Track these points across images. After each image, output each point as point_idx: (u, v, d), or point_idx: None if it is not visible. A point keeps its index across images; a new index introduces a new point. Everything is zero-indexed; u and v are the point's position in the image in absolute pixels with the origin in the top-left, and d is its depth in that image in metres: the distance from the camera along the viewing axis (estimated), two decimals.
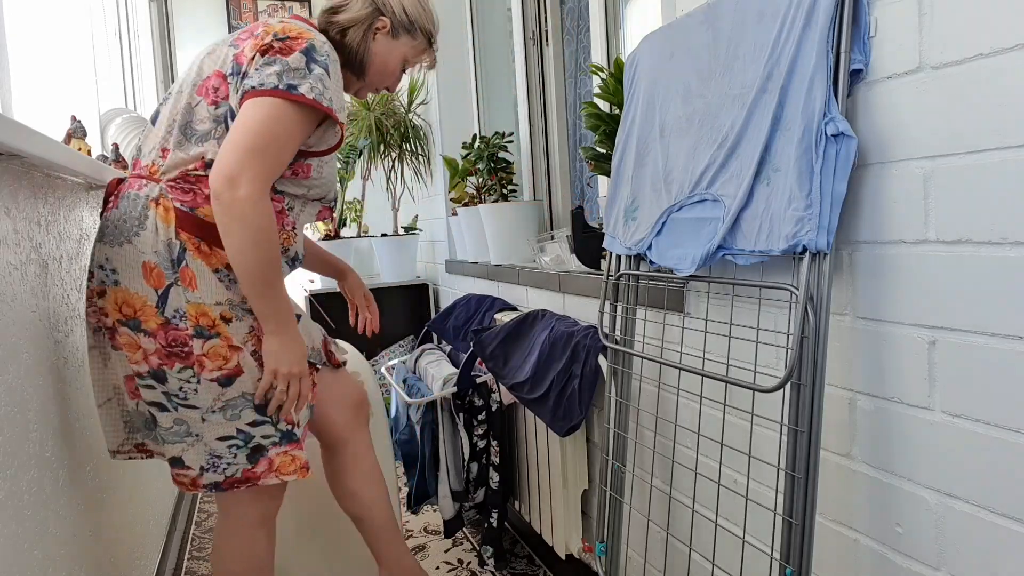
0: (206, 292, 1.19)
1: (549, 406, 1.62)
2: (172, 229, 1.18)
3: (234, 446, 1.23)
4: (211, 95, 1.22)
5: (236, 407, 1.21)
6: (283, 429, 1.26)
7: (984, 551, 0.84)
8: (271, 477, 1.26)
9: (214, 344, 1.19)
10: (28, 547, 0.97)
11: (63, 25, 2.27)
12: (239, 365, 1.20)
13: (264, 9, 4.05)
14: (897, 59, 0.90)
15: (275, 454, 1.25)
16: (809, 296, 0.95)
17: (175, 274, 1.17)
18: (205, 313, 1.18)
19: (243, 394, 1.21)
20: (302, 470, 1.27)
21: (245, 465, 1.24)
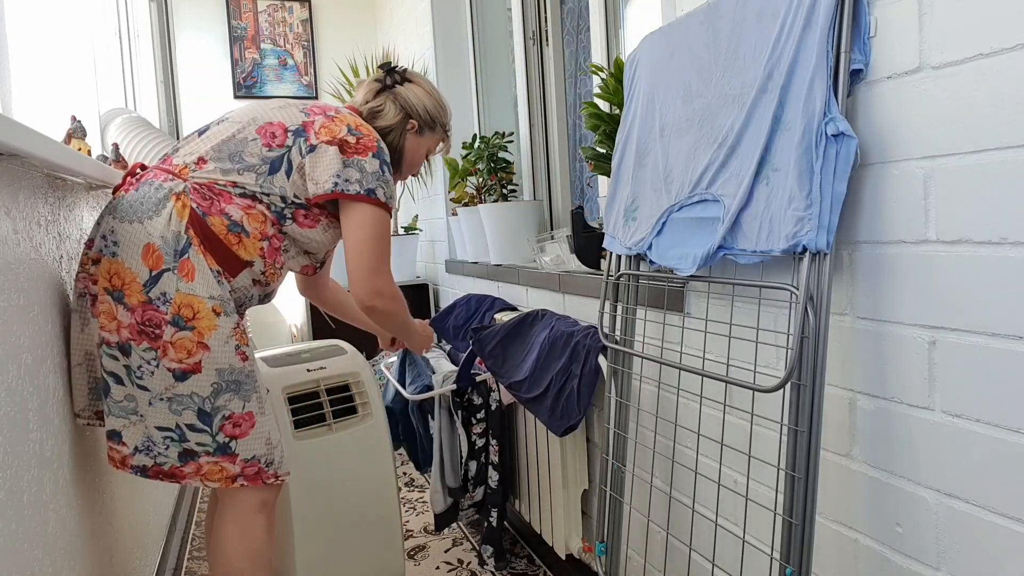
0: (202, 285, 1.26)
1: (547, 405, 1.61)
2: (184, 224, 1.27)
3: (169, 439, 1.26)
4: (268, 139, 1.36)
5: (182, 404, 1.25)
6: (220, 441, 1.28)
7: (984, 551, 0.84)
8: (195, 480, 1.29)
9: (184, 336, 1.24)
10: (28, 547, 0.97)
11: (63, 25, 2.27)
12: (199, 363, 1.24)
13: (264, 9, 4.05)
14: (897, 59, 0.90)
15: (205, 462, 1.28)
16: (809, 296, 0.95)
17: (175, 262, 1.25)
18: (190, 305, 1.24)
19: (192, 393, 1.25)
20: (227, 480, 1.30)
21: (175, 461, 1.27)
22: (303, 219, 1.39)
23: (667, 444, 1.45)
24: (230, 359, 1.27)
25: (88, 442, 1.37)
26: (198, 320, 1.24)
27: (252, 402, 1.30)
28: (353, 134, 1.38)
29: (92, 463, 1.38)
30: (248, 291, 1.38)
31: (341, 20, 4.23)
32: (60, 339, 1.25)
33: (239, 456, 1.30)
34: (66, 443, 1.21)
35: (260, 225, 1.34)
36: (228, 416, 1.28)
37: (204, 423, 1.27)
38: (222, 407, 1.27)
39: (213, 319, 1.25)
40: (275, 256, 1.39)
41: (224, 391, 1.27)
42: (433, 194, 3.28)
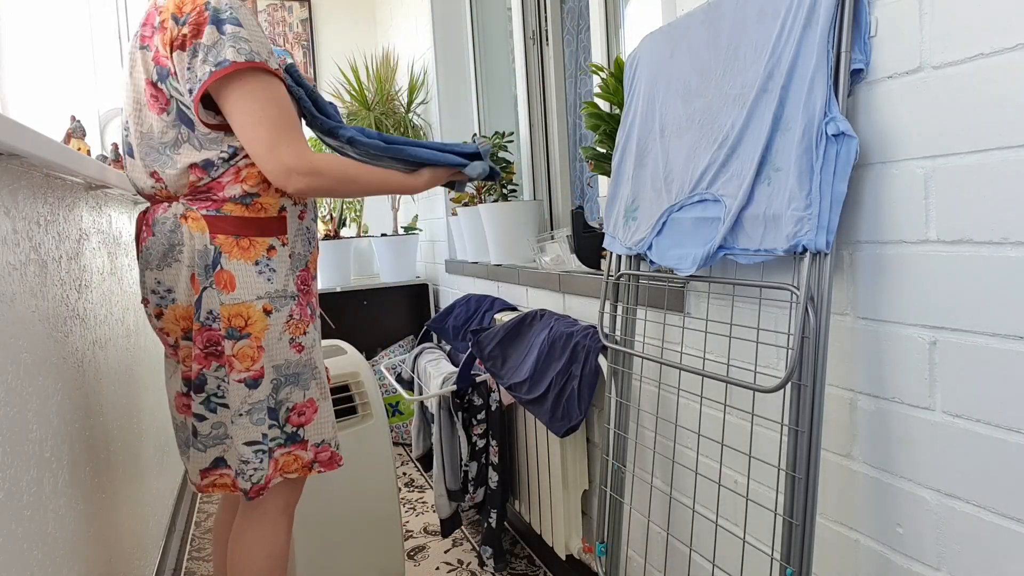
0: (245, 290, 1.24)
1: (547, 406, 1.61)
2: (206, 236, 1.23)
3: (260, 451, 1.26)
4: (154, 106, 1.24)
5: (261, 411, 1.25)
6: (288, 431, 1.30)
7: (984, 551, 0.84)
8: (277, 477, 1.30)
9: (243, 345, 1.23)
10: (28, 547, 0.97)
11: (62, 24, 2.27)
12: (262, 368, 1.25)
13: (264, 9, 4.05)
14: (898, 59, 0.90)
15: (280, 455, 1.29)
16: (810, 296, 0.95)
17: (209, 279, 1.23)
18: (239, 314, 1.23)
19: (266, 396, 1.26)
20: (304, 468, 1.32)
21: (266, 471, 1.28)
22: None
23: (667, 444, 1.44)
24: (285, 354, 1.27)
25: (88, 443, 1.37)
26: (252, 326, 1.24)
27: (312, 389, 1.31)
28: (180, 23, 1.18)
29: (92, 463, 1.38)
30: (301, 228, 1.34)
31: (341, 20, 4.22)
32: (60, 340, 1.25)
33: (309, 442, 1.31)
34: (66, 444, 1.21)
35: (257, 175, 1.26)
36: (292, 407, 1.29)
37: (272, 418, 1.27)
38: (285, 400, 1.28)
39: (264, 320, 1.25)
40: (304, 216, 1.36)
41: (284, 385, 1.28)
42: (433, 194, 3.28)
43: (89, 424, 1.39)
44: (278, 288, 1.27)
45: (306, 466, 1.32)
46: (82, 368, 1.39)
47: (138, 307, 2.11)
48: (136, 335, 2.04)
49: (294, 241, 1.32)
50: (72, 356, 1.32)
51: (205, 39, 1.18)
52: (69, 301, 1.34)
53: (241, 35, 1.19)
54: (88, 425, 1.38)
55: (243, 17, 1.20)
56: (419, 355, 2.47)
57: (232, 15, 1.19)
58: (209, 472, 1.27)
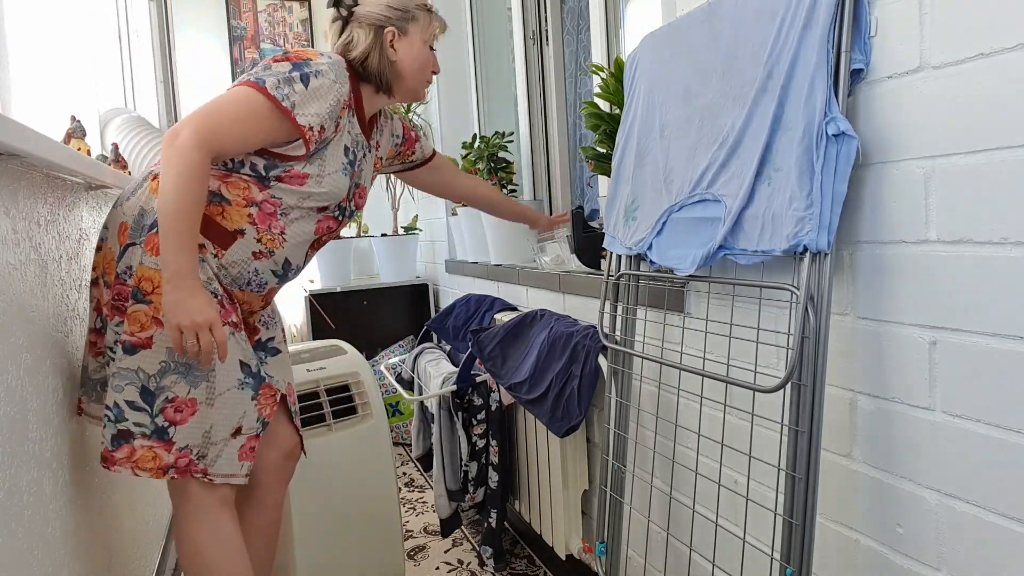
0: None
1: (547, 406, 1.61)
2: (155, 199, 1.25)
3: (107, 418, 1.20)
4: None
5: (125, 379, 1.19)
6: (159, 424, 1.20)
7: (984, 551, 0.84)
8: (126, 467, 1.20)
9: (140, 308, 1.21)
10: (28, 547, 0.97)
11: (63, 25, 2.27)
12: (151, 338, 1.20)
13: (264, 9, 4.05)
14: (898, 59, 0.90)
15: (139, 445, 1.20)
16: (810, 296, 0.95)
17: (141, 236, 1.24)
18: (151, 278, 1.21)
19: (139, 368, 1.19)
20: (159, 471, 1.21)
21: (107, 444, 1.20)
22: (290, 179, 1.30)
23: (667, 444, 1.44)
24: None
25: (88, 443, 1.37)
26: (157, 294, 1.20)
27: (200, 390, 1.22)
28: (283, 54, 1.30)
29: (92, 463, 1.38)
30: (249, 265, 1.30)
31: None
32: (60, 340, 1.25)
33: (175, 444, 1.21)
34: (66, 444, 1.21)
35: (242, 191, 1.27)
36: (171, 400, 1.20)
37: (145, 401, 1.20)
38: (167, 388, 1.20)
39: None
40: (269, 221, 1.30)
41: (171, 371, 1.20)
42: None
43: (90, 424, 1.39)
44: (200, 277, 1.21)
45: (161, 468, 1.21)
46: (80, 344, 1.39)
47: None
48: None
49: (230, 264, 1.29)
50: (72, 356, 1.32)
51: (276, 66, 1.26)
52: (69, 301, 1.34)
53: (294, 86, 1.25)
54: (89, 425, 1.38)
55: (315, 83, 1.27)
56: (419, 355, 2.47)
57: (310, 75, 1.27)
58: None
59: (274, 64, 1.27)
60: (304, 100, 1.26)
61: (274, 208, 1.30)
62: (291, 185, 1.30)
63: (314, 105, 1.27)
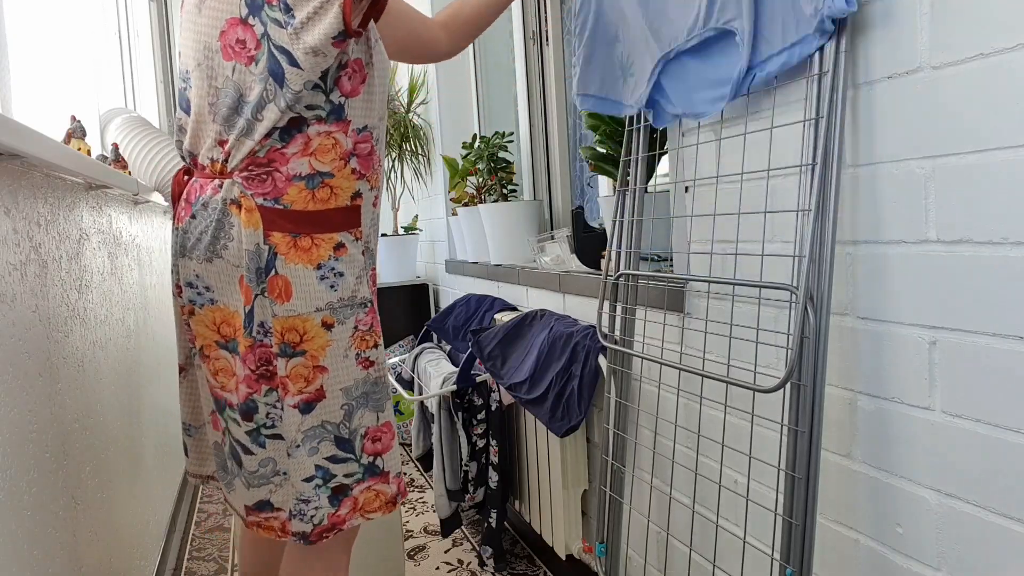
0: (303, 300, 1.05)
1: (547, 406, 1.61)
2: (260, 233, 1.03)
3: (316, 486, 1.08)
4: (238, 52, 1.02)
5: (316, 437, 1.07)
6: (365, 463, 1.11)
7: (984, 551, 0.84)
8: (356, 518, 1.10)
9: (297, 363, 1.05)
10: (28, 547, 0.97)
11: (63, 25, 2.27)
12: (322, 388, 1.06)
13: None
14: (897, 59, 0.90)
15: (359, 492, 1.10)
16: (809, 296, 0.95)
17: (261, 285, 1.04)
18: (294, 328, 1.04)
19: (324, 423, 1.07)
20: (388, 505, 1.13)
21: (329, 509, 1.08)
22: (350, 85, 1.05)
23: (667, 444, 1.45)
24: (353, 373, 1.09)
25: (88, 443, 1.37)
26: (308, 342, 1.04)
27: (387, 411, 1.12)
28: None
29: (92, 463, 1.38)
30: (376, 220, 1.16)
31: None
32: (60, 341, 1.25)
33: (391, 473, 1.12)
34: (65, 444, 1.21)
35: (330, 152, 1.05)
36: (365, 434, 1.10)
37: (346, 451, 1.08)
38: (358, 427, 1.09)
39: (324, 335, 1.05)
40: (371, 161, 1.11)
41: (356, 409, 1.09)
42: (433, 194, 3.28)
43: (89, 424, 1.39)
44: (343, 296, 1.07)
45: (390, 502, 1.11)
46: (82, 368, 1.39)
47: (139, 307, 2.11)
48: (136, 335, 2.04)
49: (368, 234, 1.12)
50: (72, 356, 1.32)
51: None
52: (69, 301, 1.34)
53: None
54: (88, 425, 1.38)
55: None
56: (419, 355, 2.47)
57: None
58: (254, 513, 1.11)
59: None
60: None
61: (368, 145, 1.10)
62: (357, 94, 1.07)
63: None
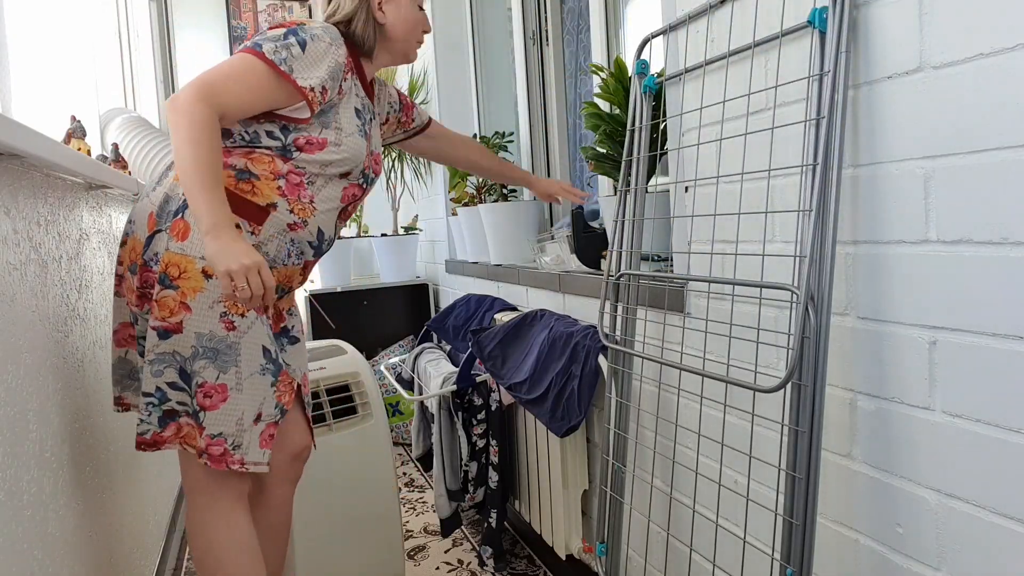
0: (195, 245, 1.23)
1: (547, 406, 1.61)
2: (178, 184, 1.26)
3: (151, 404, 1.23)
4: None
5: (164, 362, 1.22)
6: (194, 407, 1.24)
7: (984, 551, 0.84)
8: (175, 443, 1.25)
9: (168, 294, 1.21)
10: (28, 547, 0.97)
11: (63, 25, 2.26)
12: (180, 323, 1.21)
13: (264, 9, 4.05)
14: (897, 59, 0.90)
15: (185, 423, 1.25)
16: (810, 296, 0.95)
17: (167, 223, 1.25)
18: (177, 264, 1.22)
19: (175, 352, 1.22)
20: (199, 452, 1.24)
21: (155, 427, 1.24)
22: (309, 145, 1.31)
23: (667, 444, 1.44)
24: (211, 325, 1.22)
25: (88, 443, 1.37)
26: (184, 279, 1.21)
27: (229, 375, 1.24)
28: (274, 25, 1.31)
29: (92, 463, 1.38)
30: (285, 237, 1.31)
31: None
32: (60, 340, 1.25)
33: (205, 429, 1.23)
34: (66, 444, 1.21)
35: (267, 165, 1.29)
36: (201, 384, 1.23)
37: (184, 382, 1.23)
38: (198, 371, 1.22)
39: (201, 281, 1.22)
40: (298, 191, 1.31)
41: (200, 356, 1.22)
42: (433, 194, 3.28)
43: (89, 424, 1.39)
44: None
45: (201, 452, 1.24)
46: (82, 368, 1.39)
47: None
48: None
49: (268, 240, 1.29)
50: (72, 356, 1.32)
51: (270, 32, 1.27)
52: (69, 301, 1.34)
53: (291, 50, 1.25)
54: (88, 425, 1.38)
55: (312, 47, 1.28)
56: (419, 355, 2.47)
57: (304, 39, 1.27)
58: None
59: (269, 31, 1.28)
60: (302, 64, 1.26)
61: (300, 178, 1.31)
62: (312, 153, 1.31)
63: (313, 69, 1.27)
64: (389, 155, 3.32)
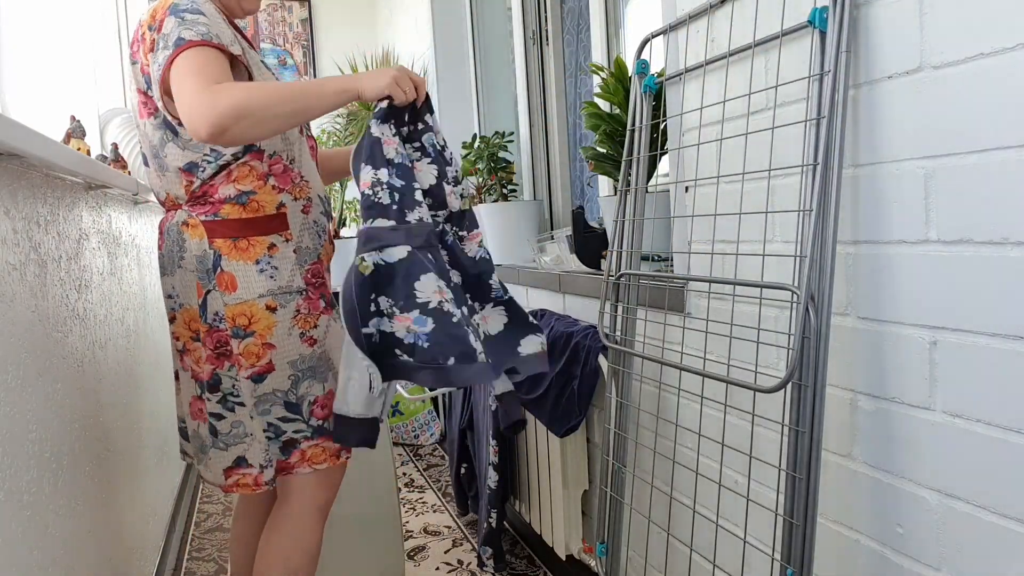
0: (246, 288, 1.25)
1: (547, 407, 1.61)
2: (205, 241, 1.25)
3: (268, 438, 1.29)
4: (144, 111, 1.28)
5: (268, 402, 1.27)
6: (314, 425, 1.30)
7: (985, 551, 0.84)
8: (304, 467, 1.31)
9: (248, 343, 1.25)
10: (28, 547, 0.97)
11: (62, 24, 2.27)
12: (271, 362, 1.26)
13: (264, 8, 4.05)
14: (897, 59, 0.90)
15: (307, 447, 1.31)
16: (810, 296, 0.95)
17: (211, 282, 1.25)
18: (243, 313, 1.25)
19: (274, 390, 1.27)
20: (332, 457, 1.33)
21: (279, 456, 1.30)
22: None
23: (667, 444, 1.44)
24: (298, 349, 1.28)
25: (88, 443, 1.37)
26: (256, 323, 1.25)
27: (330, 381, 1.32)
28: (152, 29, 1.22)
29: (92, 463, 1.38)
30: (307, 222, 1.33)
31: (340, 20, 4.22)
32: (60, 340, 1.25)
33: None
34: (66, 444, 1.21)
35: (249, 175, 1.27)
36: (314, 401, 1.30)
37: (294, 413, 1.29)
38: (306, 394, 1.29)
39: (269, 317, 1.26)
40: (288, 176, 1.31)
41: (303, 379, 1.29)
42: None
43: (89, 424, 1.39)
44: (282, 285, 1.28)
45: (334, 454, 1.33)
46: (82, 368, 1.39)
47: (138, 307, 2.11)
48: (136, 335, 2.04)
49: (300, 235, 1.31)
50: (72, 356, 1.32)
51: (164, 29, 1.18)
52: (69, 301, 1.34)
53: (199, 20, 1.17)
54: (88, 425, 1.38)
55: (203, 6, 1.20)
56: None
57: (192, 5, 1.19)
58: (232, 471, 1.29)
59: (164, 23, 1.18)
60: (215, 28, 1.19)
61: (281, 164, 1.30)
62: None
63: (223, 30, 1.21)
64: None
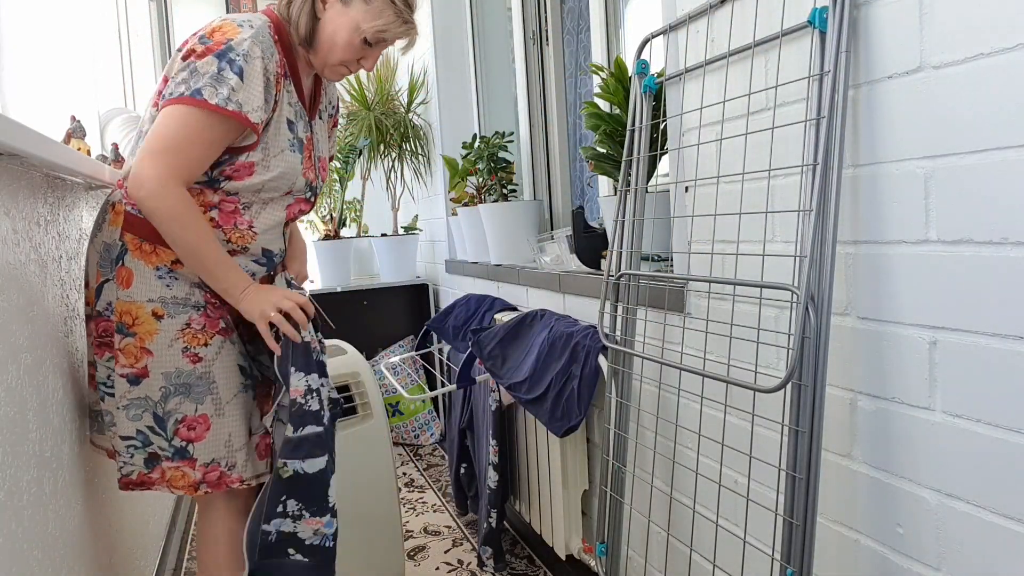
0: (140, 290, 1.24)
1: (547, 407, 1.61)
2: (117, 231, 1.25)
3: (132, 447, 1.25)
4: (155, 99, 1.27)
5: (139, 407, 1.24)
6: (176, 445, 1.25)
7: (984, 551, 0.84)
8: (163, 486, 1.27)
9: (128, 342, 1.23)
10: (28, 547, 0.97)
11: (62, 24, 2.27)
12: (146, 368, 1.24)
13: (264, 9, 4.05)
14: (897, 59, 0.90)
15: (167, 467, 1.26)
16: (810, 296, 0.95)
17: (111, 272, 1.25)
18: (129, 311, 1.23)
19: (146, 397, 1.24)
20: (190, 488, 1.26)
21: (141, 468, 1.26)
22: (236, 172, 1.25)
23: (667, 444, 1.44)
24: (176, 362, 1.24)
25: (88, 443, 1.37)
26: (138, 325, 1.23)
27: (206, 404, 1.25)
28: (203, 41, 1.20)
29: (91, 464, 1.38)
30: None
31: None
32: (60, 340, 1.25)
33: (198, 460, 1.26)
34: (65, 444, 1.21)
35: (198, 196, 1.25)
36: (181, 420, 1.25)
37: (159, 427, 1.25)
38: (173, 411, 1.24)
39: (153, 323, 1.23)
40: (233, 219, 1.27)
41: (173, 395, 1.24)
42: (433, 194, 3.28)
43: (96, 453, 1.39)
44: (177, 295, 1.25)
45: (192, 485, 1.26)
46: (82, 368, 1.39)
47: None
48: None
49: None
50: (72, 355, 1.32)
51: (201, 64, 1.18)
52: (69, 301, 1.34)
53: (230, 82, 1.17)
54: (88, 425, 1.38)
55: (248, 69, 1.19)
56: None
57: (239, 63, 1.19)
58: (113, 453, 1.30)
59: (198, 63, 1.18)
60: (246, 94, 1.19)
61: (233, 205, 1.27)
62: (240, 180, 1.25)
63: (254, 94, 1.20)
64: (389, 155, 3.32)
